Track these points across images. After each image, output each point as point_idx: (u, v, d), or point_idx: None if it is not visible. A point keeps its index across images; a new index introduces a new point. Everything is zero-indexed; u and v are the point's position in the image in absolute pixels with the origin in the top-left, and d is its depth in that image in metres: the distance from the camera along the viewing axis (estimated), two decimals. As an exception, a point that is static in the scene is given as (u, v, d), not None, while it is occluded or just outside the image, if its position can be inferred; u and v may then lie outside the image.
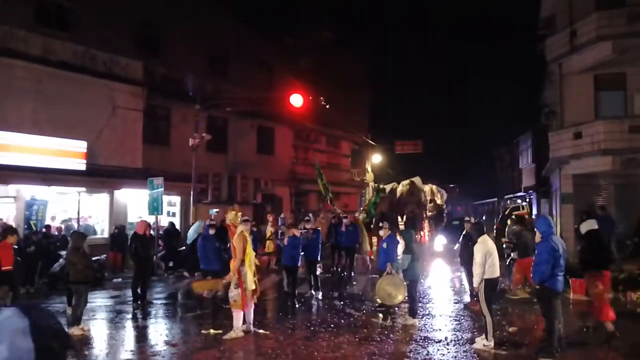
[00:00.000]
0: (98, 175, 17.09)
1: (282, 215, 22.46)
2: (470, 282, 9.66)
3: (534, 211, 30.69)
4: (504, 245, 15.68)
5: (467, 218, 13.13)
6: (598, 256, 9.00)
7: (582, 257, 9.41)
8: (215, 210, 20.36)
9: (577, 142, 18.29)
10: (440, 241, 23.12)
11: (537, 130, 29.37)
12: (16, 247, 9.02)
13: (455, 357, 7.75)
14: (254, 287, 9.08)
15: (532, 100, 30.08)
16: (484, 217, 41.61)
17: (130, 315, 10.98)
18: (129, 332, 9.78)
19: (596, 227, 9.21)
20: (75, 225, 17.09)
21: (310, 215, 17.56)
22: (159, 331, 9.57)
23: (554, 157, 19.64)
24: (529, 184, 33.57)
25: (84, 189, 17.35)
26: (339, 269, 15.92)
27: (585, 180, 18.62)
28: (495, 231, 27.08)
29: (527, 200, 35.29)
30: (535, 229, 8.24)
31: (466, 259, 10.82)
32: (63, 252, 12.76)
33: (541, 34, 22.62)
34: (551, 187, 23.88)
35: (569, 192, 18.99)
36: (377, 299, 10.64)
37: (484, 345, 8.03)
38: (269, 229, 17.79)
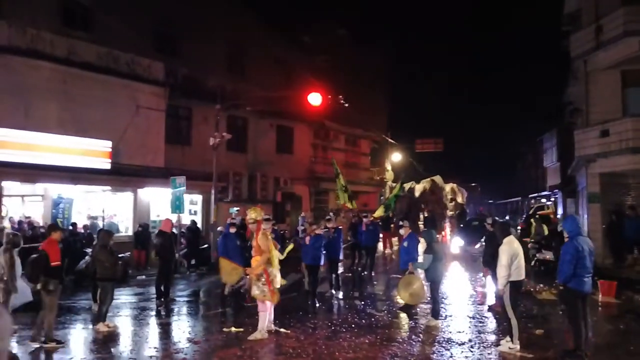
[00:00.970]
0: (122, 174, 17.34)
1: (302, 214, 22.53)
2: (496, 284, 9.49)
3: (559, 211, 30.26)
4: (529, 246, 15.50)
5: (488, 220, 12.93)
6: None
7: None
8: (235, 208, 20.48)
9: (604, 140, 17.95)
10: (457, 243, 22.04)
11: (562, 128, 28.95)
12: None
13: (479, 359, 7.65)
14: (279, 285, 9.12)
15: (556, 97, 29.63)
16: (507, 217, 41.08)
17: (153, 312, 11.10)
18: (152, 329, 9.88)
19: None
20: (101, 223, 17.34)
21: (331, 214, 17.55)
22: (182, 328, 9.66)
23: (579, 155, 19.30)
24: (554, 182, 33.10)
25: (108, 187, 17.63)
26: (360, 269, 15.88)
27: (613, 179, 18.27)
28: (519, 231, 26.83)
29: (552, 199, 34.80)
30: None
31: (489, 260, 10.65)
32: (89, 250, 12.95)
33: (565, 30, 22.26)
34: (577, 186, 23.49)
35: (595, 192, 18.64)
36: (399, 299, 10.57)
37: (509, 348, 7.88)
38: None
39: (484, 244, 12.41)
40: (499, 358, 7.71)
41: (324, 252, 12.07)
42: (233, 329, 9.24)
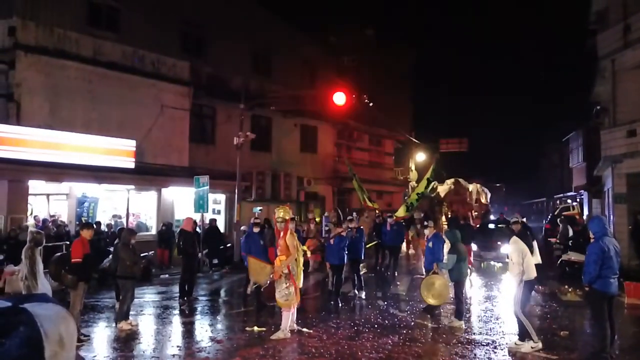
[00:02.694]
0: (146, 174, 17.50)
1: (325, 214, 22.48)
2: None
3: (585, 211, 29.74)
4: (554, 246, 15.24)
5: (514, 218, 12.60)
6: None
7: None
8: (259, 208, 20.54)
9: (631, 140, 17.57)
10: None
11: (589, 128, 28.47)
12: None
13: (504, 361, 7.53)
14: (301, 285, 9.12)
15: (583, 97, 29.12)
16: (531, 217, 40.50)
17: (176, 311, 11.17)
18: (175, 328, 9.94)
19: None
20: (125, 222, 17.53)
21: (354, 214, 17.47)
22: (204, 327, 9.70)
23: (606, 155, 18.92)
24: (579, 183, 32.59)
25: (132, 186, 17.81)
26: (383, 269, 15.79)
27: (639, 180, 17.87)
28: (544, 232, 26.42)
29: (578, 200, 34.24)
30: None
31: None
32: (112, 249, 13.09)
33: (592, 29, 21.85)
34: (603, 187, 23.06)
35: (622, 192, 18.26)
36: (425, 299, 10.47)
37: (531, 347, 7.78)
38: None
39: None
40: (528, 357, 7.58)
41: (346, 252, 12.02)
42: (256, 328, 9.25)
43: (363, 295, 12.63)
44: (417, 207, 20.02)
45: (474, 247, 17.29)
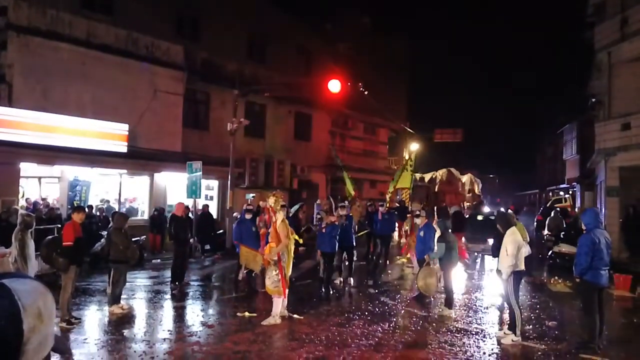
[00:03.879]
0: (139, 158, 17.40)
1: (317, 202, 22.48)
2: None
3: (577, 204, 29.91)
4: (545, 238, 15.31)
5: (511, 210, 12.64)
6: None
7: None
8: (251, 195, 20.50)
9: (625, 134, 17.65)
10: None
11: (583, 120, 28.55)
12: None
13: (492, 350, 7.59)
14: (290, 273, 9.12)
15: (578, 90, 29.15)
16: (524, 209, 40.69)
17: (168, 296, 11.17)
18: (166, 312, 9.94)
19: None
20: (116, 207, 17.46)
21: (346, 202, 17.48)
22: (196, 312, 9.71)
23: (599, 148, 18.99)
24: (572, 175, 32.75)
25: (125, 171, 17.72)
26: (374, 257, 15.83)
27: (632, 173, 17.94)
28: (536, 223, 26.55)
29: (571, 192, 34.41)
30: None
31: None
32: (104, 232, 13.05)
33: (590, 21, 21.82)
34: (596, 180, 23.17)
35: (614, 185, 18.36)
36: (417, 288, 10.52)
37: (512, 340, 7.82)
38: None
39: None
40: (512, 348, 7.64)
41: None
42: (246, 313, 9.28)
43: (351, 282, 12.69)
44: (413, 197, 20.15)
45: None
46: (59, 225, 12.79)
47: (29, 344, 0.95)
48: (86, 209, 15.14)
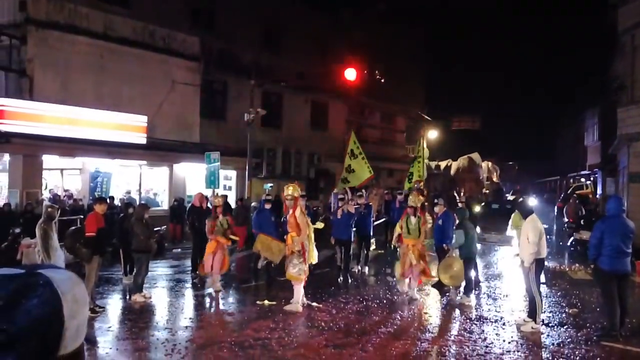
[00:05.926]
0: (158, 149, 17.58)
1: (335, 191, 22.49)
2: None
3: (599, 190, 29.47)
4: (566, 225, 15.15)
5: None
6: None
7: None
8: (269, 185, 20.58)
9: (648, 118, 17.29)
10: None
11: (605, 105, 28.02)
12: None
13: (512, 337, 7.57)
14: (314, 262, 9.20)
15: (601, 73, 28.62)
16: (544, 196, 40.26)
17: (188, 285, 11.32)
18: (187, 300, 10.08)
19: None
20: (137, 198, 17.67)
21: (363, 190, 17.46)
22: (216, 300, 9.83)
23: (622, 133, 18.62)
24: (594, 162, 32.23)
25: (144, 162, 17.92)
26: (392, 246, 15.83)
27: (656, 159, 17.62)
28: (556, 210, 26.26)
29: (592, 179, 33.90)
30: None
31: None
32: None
33: (612, 3, 21.36)
34: (618, 166, 22.76)
35: (637, 171, 18.03)
36: (442, 280, 10.46)
37: (532, 327, 7.76)
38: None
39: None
40: (532, 335, 7.61)
41: (354, 229, 12.05)
42: (266, 302, 9.35)
43: (366, 270, 12.72)
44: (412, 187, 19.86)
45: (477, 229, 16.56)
46: (82, 217, 12.99)
47: (68, 330, 0.99)
48: (107, 200, 15.41)
